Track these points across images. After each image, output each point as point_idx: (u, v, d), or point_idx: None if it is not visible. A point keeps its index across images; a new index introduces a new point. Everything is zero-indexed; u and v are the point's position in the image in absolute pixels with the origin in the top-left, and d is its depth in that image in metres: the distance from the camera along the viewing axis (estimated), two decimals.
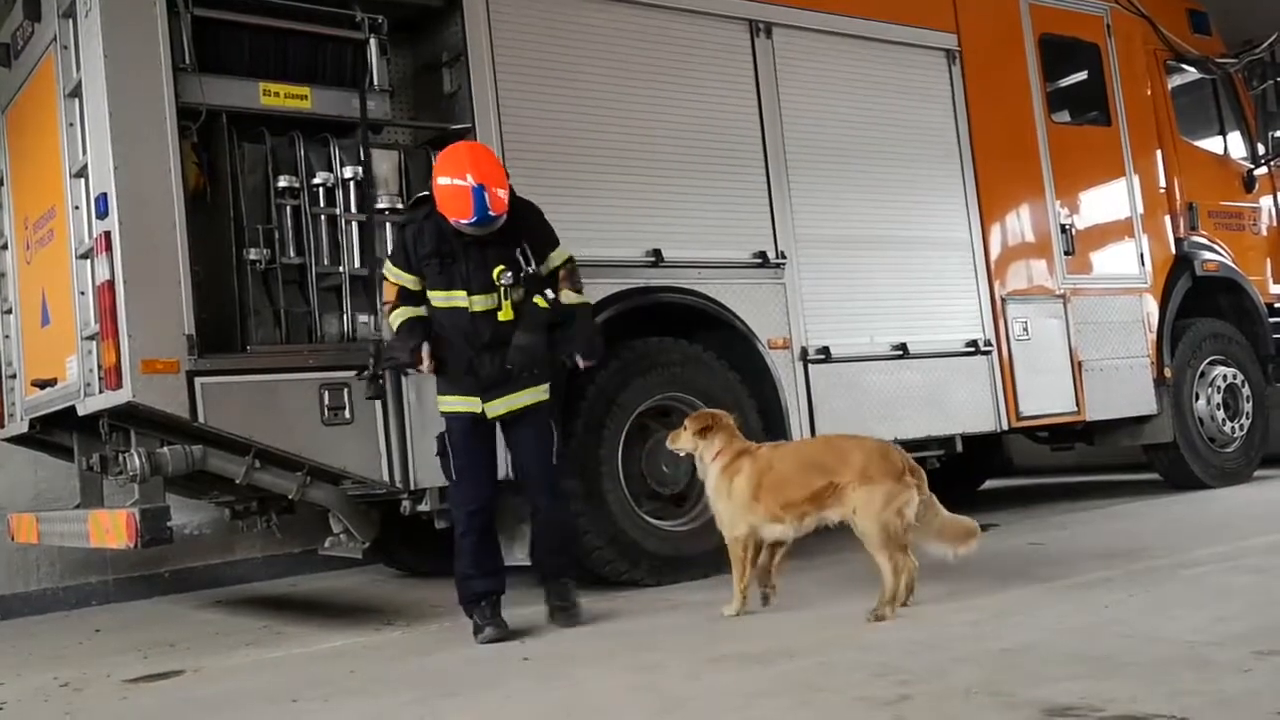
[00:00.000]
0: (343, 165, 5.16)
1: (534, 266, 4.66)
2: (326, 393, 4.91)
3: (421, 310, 4.68)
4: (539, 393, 4.75)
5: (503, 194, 4.51)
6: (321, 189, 5.12)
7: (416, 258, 4.65)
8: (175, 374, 4.62)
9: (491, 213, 4.49)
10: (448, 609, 5.64)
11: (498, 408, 4.68)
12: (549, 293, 4.70)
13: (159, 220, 4.68)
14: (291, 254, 5.04)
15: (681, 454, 5.00)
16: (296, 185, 5.06)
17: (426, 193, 4.77)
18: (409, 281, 4.68)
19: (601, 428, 5.58)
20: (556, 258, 4.78)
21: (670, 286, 5.94)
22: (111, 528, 4.87)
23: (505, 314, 4.63)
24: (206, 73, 4.93)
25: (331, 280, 5.13)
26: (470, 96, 5.50)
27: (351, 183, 5.17)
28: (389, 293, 4.73)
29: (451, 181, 4.49)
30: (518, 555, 5.61)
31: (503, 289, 4.60)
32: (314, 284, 5.07)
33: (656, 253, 5.89)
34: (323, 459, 4.92)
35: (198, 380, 4.66)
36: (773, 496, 4.54)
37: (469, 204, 4.45)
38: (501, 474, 4.92)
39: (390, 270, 4.72)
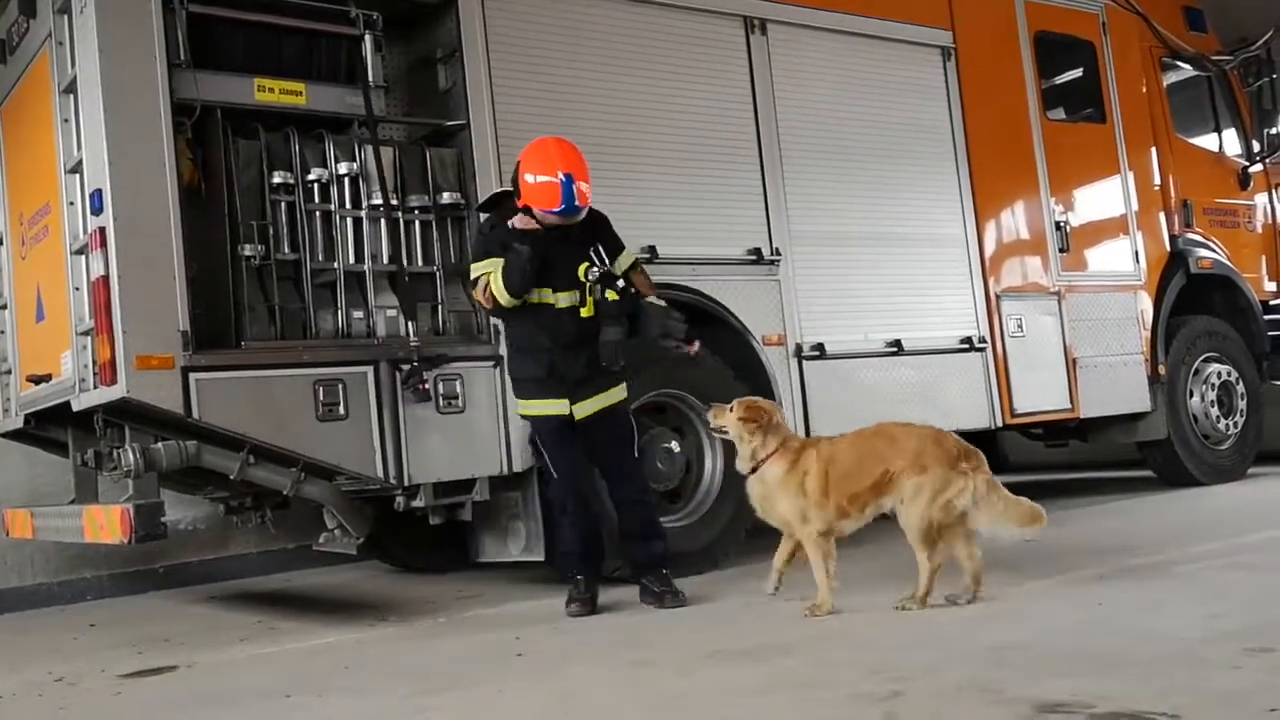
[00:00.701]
0: (337, 161, 5.16)
1: (608, 264, 4.83)
2: (321, 389, 4.91)
3: None
4: (621, 391, 4.98)
5: (586, 188, 4.72)
6: (316, 185, 5.12)
7: (510, 249, 4.74)
8: (170, 370, 4.62)
9: (578, 203, 4.69)
10: (442, 604, 5.66)
11: (587, 408, 4.87)
12: (620, 283, 4.84)
13: (154, 216, 4.68)
14: (286, 250, 5.04)
15: (719, 434, 4.91)
16: (291, 181, 5.06)
17: (501, 190, 4.94)
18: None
19: None
20: (626, 259, 4.99)
21: (665, 283, 5.92)
22: (106, 523, 4.87)
23: (588, 310, 4.81)
24: (201, 69, 4.93)
25: (326, 276, 5.13)
26: (465, 93, 5.50)
27: (346, 179, 5.18)
28: (482, 287, 4.81)
29: (538, 176, 4.68)
30: (513, 551, 5.63)
31: (588, 285, 4.79)
32: (309, 280, 5.07)
33: (651, 249, 5.88)
34: (317, 455, 4.91)
35: (192, 376, 4.66)
36: (840, 490, 4.46)
37: (558, 194, 4.64)
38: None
39: (484, 265, 4.80)
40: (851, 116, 6.85)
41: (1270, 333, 8.87)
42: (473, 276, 4.89)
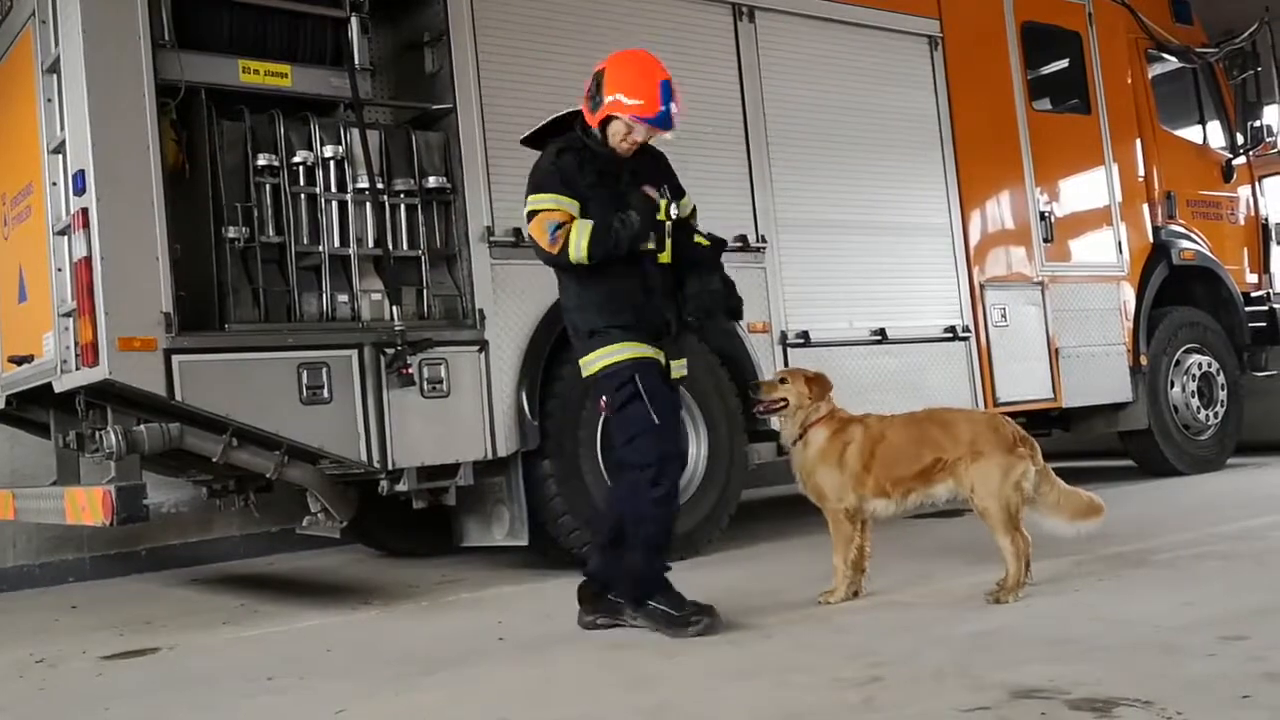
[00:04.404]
0: (323, 144, 5.14)
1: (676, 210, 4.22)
2: (305, 372, 4.90)
3: None
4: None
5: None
6: (301, 168, 5.11)
7: (581, 184, 4.09)
8: (152, 352, 4.60)
9: (673, 114, 4.09)
10: (425, 588, 5.67)
11: (679, 369, 4.23)
12: (711, 233, 4.32)
13: (137, 197, 4.65)
14: (271, 233, 5.02)
15: (766, 404, 4.49)
16: (276, 164, 5.04)
17: (559, 116, 4.29)
18: (575, 208, 4.06)
19: (580, 409, 5.60)
20: (688, 204, 4.37)
21: None
22: (87, 505, 4.85)
23: (665, 255, 4.17)
24: (186, 49, 4.90)
25: (311, 260, 5.12)
26: (452, 77, 5.49)
27: (331, 162, 5.16)
28: (557, 217, 4.03)
29: (636, 82, 4.05)
30: (496, 536, 5.65)
31: (667, 227, 4.12)
32: (293, 263, 5.06)
33: None
34: (300, 438, 4.90)
35: (175, 358, 4.64)
36: (884, 470, 4.30)
37: (657, 100, 4.02)
38: None
39: (548, 199, 4.06)
40: (839, 105, 6.86)
41: (1251, 324, 8.94)
42: (530, 209, 4.12)
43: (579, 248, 3.99)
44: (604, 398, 4.17)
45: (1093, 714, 2.70)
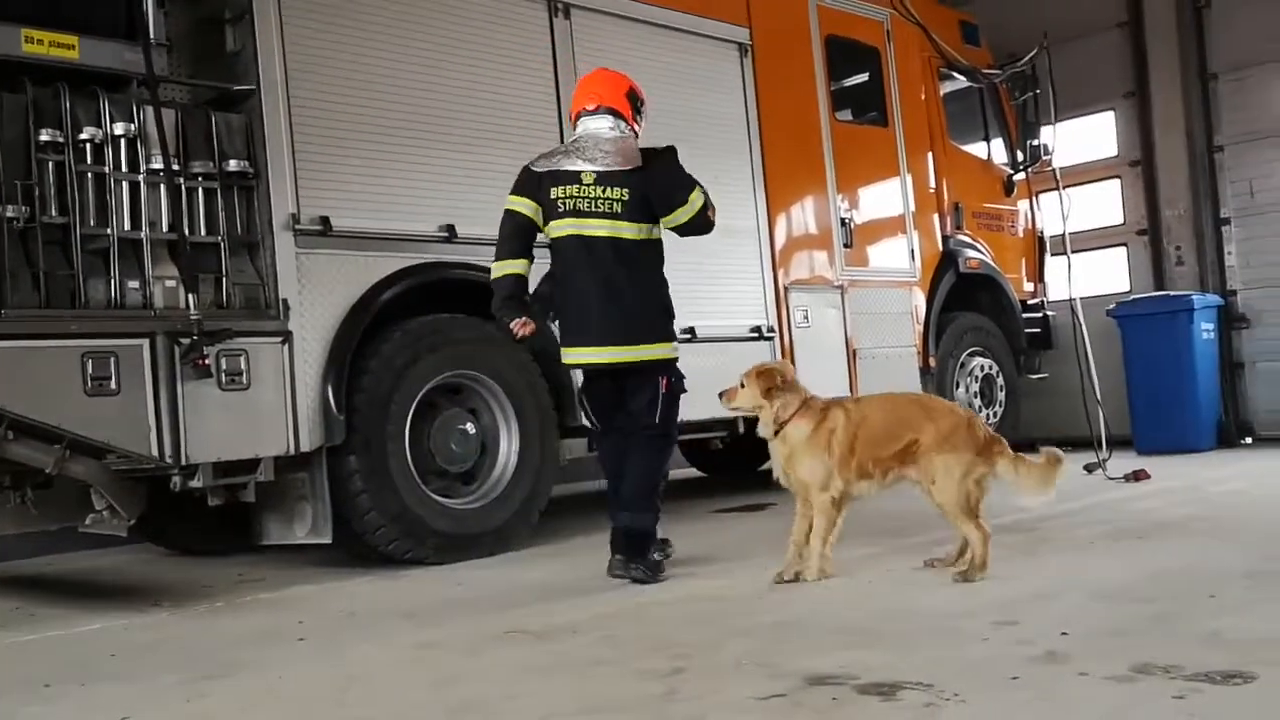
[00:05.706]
0: (113, 121, 4.86)
1: None
2: (90, 361, 4.62)
3: None
4: None
5: None
6: (89, 145, 4.81)
7: None
8: None
9: None
10: (221, 588, 5.45)
11: None
12: None
13: None
14: (54, 213, 4.71)
15: (738, 413, 4.86)
16: (61, 140, 4.73)
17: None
18: None
19: (388, 403, 5.50)
20: None
21: (463, 263, 5.89)
22: None
23: None
24: None
25: (99, 243, 4.83)
26: (256, 56, 5.28)
27: (122, 140, 4.89)
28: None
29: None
30: (298, 533, 5.49)
31: None
32: (78, 246, 4.77)
33: (450, 228, 5.83)
34: (84, 431, 4.62)
35: None
36: (867, 451, 4.48)
37: None
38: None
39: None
40: (651, 106, 6.93)
41: (1027, 330, 9.61)
42: (704, 197, 5.19)
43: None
44: (671, 378, 5.03)
45: (879, 697, 2.85)
